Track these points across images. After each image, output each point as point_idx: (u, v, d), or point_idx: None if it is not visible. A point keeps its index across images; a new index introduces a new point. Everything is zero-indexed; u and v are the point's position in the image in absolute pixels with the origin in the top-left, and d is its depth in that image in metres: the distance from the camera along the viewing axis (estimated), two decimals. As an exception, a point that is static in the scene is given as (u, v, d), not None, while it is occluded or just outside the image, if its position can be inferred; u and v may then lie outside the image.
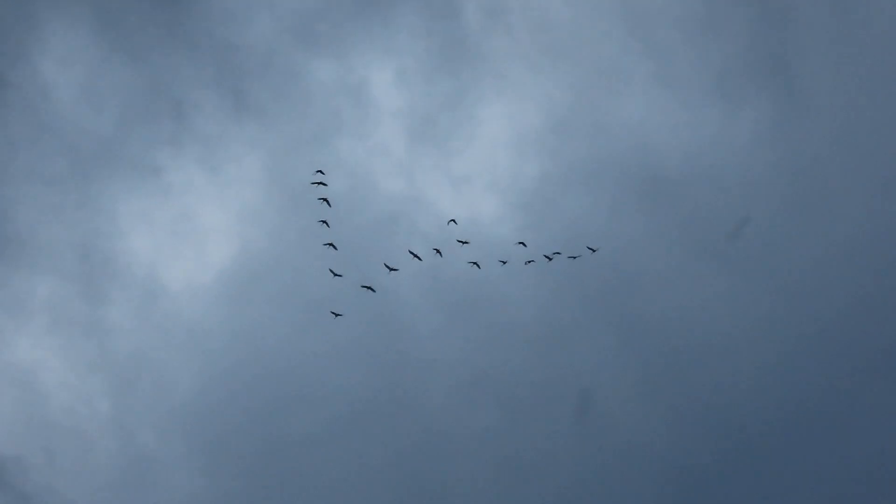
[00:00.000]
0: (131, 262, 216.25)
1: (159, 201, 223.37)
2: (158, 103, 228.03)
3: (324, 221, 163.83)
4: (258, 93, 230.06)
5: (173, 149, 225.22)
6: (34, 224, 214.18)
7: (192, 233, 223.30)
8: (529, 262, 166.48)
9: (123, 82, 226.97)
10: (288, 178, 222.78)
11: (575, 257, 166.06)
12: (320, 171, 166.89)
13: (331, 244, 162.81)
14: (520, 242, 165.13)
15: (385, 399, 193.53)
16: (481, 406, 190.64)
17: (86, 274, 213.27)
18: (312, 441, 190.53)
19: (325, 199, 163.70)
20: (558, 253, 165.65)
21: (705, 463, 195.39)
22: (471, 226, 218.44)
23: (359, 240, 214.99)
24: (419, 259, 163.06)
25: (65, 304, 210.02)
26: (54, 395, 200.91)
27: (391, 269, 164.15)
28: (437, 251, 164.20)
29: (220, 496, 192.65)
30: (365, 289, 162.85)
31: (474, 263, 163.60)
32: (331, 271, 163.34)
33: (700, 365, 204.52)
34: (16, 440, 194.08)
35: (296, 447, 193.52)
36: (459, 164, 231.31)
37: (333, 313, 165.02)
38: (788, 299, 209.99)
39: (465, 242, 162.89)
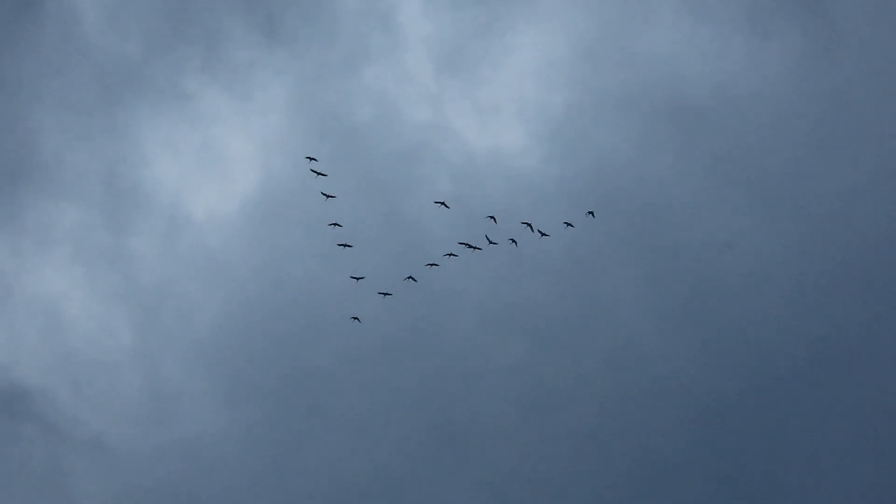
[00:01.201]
0: (156, 190, 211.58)
1: (186, 129, 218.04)
2: (187, 30, 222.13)
3: (335, 224, 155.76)
4: (288, 19, 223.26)
5: (201, 76, 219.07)
6: (60, 151, 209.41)
7: (218, 161, 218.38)
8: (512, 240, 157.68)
9: (152, 8, 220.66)
10: (315, 106, 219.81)
11: (546, 234, 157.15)
12: (313, 159, 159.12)
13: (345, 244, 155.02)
14: (490, 216, 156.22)
15: (410, 331, 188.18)
16: (507, 339, 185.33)
17: (110, 202, 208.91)
18: (336, 372, 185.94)
19: (327, 195, 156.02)
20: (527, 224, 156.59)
21: (732, 396, 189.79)
22: (496, 156, 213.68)
23: (384, 170, 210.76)
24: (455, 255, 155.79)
25: (89, 233, 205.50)
26: (78, 325, 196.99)
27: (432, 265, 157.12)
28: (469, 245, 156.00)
29: (243, 428, 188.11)
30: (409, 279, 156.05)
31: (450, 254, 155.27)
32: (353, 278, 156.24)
33: (728, 298, 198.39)
34: (41, 371, 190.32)
35: (320, 378, 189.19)
36: (487, 93, 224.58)
37: (354, 318, 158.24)
38: (817, 231, 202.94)
39: (494, 243, 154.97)
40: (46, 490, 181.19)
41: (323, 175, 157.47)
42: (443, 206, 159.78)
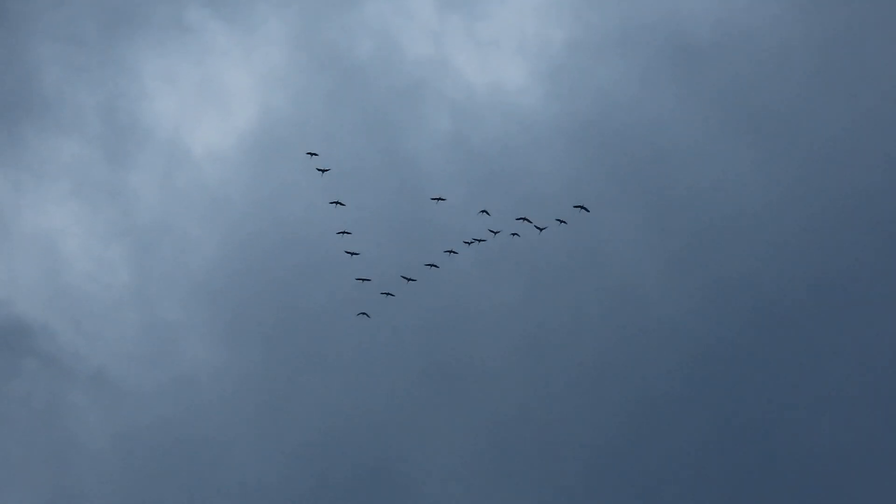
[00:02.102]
0: (155, 125, 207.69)
1: (186, 63, 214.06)
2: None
3: (344, 232, 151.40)
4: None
5: (202, 9, 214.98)
6: (60, 85, 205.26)
7: (218, 96, 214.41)
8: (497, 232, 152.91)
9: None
10: (315, 41, 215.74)
11: (542, 228, 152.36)
12: (314, 154, 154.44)
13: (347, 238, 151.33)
14: (483, 211, 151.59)
15: (408, 270, 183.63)
16: (506, 279, 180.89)
17: (110, 136, 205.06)
18: (334, 311, 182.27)
19: (338, 202, 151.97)
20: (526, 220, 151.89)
21: (731, 336, 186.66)
22: (496, 93, 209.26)
23: (384, 107, 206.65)
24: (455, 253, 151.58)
25: (88, 168, 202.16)
26: (77, 261, 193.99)
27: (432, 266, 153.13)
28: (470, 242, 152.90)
29: (241, 366, 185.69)
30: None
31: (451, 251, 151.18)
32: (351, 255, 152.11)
33: (728, 239, 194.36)
34: (42, 307, 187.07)
35: (318, 318, 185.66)
36: (487, 28, 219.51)
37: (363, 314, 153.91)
38: (818, 171, 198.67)
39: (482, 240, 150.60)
40: (47, 424, 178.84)
41: (326, 170, 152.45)
42: (440, 200, 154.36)
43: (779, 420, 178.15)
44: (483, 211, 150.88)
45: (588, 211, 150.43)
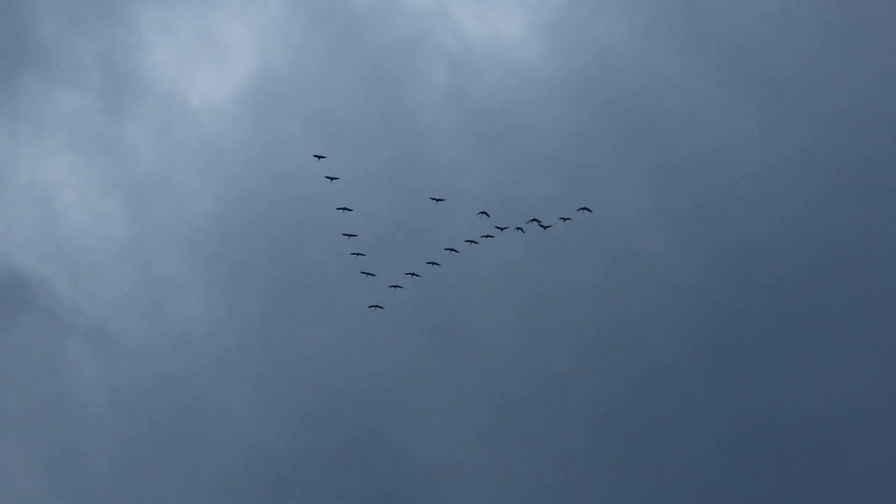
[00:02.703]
0: (153, 76, 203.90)
1: (183, 14, 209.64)
2: None
3: (350, 235, 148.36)
4: None
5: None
6: (58, 36, 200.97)
7: (215, 48, 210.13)
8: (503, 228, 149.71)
9: None
10: None
11: (548, 226, 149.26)
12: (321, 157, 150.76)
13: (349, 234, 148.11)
14: (482, 212, 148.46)
15: (408, 226, 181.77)
16: (508, 243, 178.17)
17: (107, 88, 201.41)
18: (332, 267, 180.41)
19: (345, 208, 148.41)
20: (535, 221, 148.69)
21: (736, 300, 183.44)
22: (495, 47, 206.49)
23: (383, 60, 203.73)
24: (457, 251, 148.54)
25: (85, 120, 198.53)
26: (74, 214, 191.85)
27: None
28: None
29: (238, 321, 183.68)
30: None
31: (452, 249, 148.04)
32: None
33: (734, 203, 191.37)
34: (39, 259, 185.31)
35: (316, 273, 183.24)
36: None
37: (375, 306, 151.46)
38: (825, 134, 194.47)
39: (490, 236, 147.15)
40: (45, 378, 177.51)
41: (335, 178, 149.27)
42: (439, 200, 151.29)
43: (782, 383, 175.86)
44: (482, 212, 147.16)
45: (591, 211, 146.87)
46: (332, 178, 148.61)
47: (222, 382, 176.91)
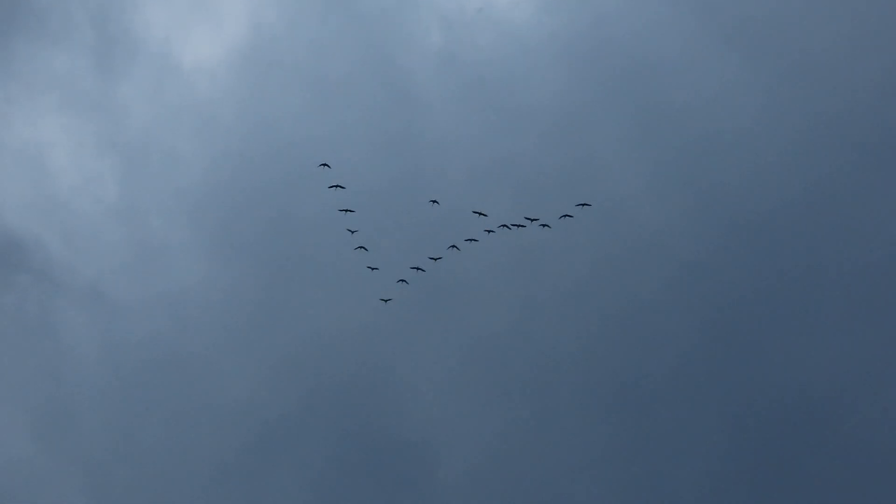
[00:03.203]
0: (146, 37, 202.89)
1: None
2: None
3: (361, 248, 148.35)
4: None
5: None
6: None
7: (208, 8, 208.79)
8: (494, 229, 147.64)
9: None
10: None
11: (546, 225, 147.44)
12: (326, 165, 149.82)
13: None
14: (477, 212, 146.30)
15: (398, 179, 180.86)
16: (494, 193, 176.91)
17: (100, 48, 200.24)
18: (323, 223, 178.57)
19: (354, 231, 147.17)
20: (534, 220, 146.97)
21: (718, 247, 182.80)
22: (488, 7, 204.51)
23: (376, 21, 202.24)
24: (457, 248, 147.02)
25: (78, 80, 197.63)
26: (65, 175, 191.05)
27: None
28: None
29: (228, 280, 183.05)
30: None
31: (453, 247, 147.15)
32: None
33: (715, 152, 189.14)
34: (31, 220, 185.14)
35: (305, 233, 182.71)
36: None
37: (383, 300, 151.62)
38: (807, 82, 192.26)
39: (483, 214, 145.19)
40: (39, 338, 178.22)
41: (341, 187, 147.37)
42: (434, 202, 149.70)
43: (768, 327, 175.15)
44: (477, 212, 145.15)
45: (589, 205, 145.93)
46: (337, 187, 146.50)
47: (212, 341, 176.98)
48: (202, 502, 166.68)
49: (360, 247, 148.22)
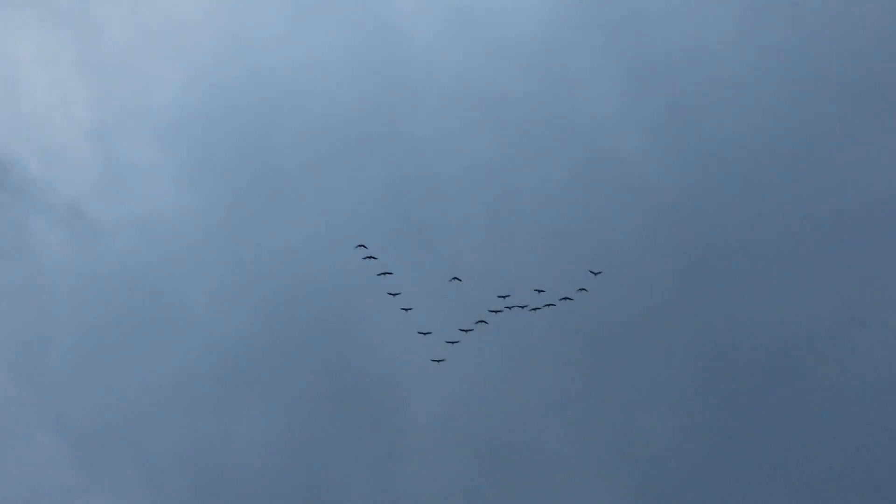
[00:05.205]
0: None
1: None
2: None
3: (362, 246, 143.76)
4: None
5: None
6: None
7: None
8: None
9: None
10: None
11: (553, 304, 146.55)
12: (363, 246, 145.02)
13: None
14: (454, 278, 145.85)
15: (377, 104, 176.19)
16: (481, 139, 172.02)
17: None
18: (299, 147, 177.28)
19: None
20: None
21: (709, 200, 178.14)
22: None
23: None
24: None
25: None
26: (40, 93, 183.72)
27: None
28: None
29: (203, 206, 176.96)
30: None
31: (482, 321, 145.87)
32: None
33: (708, 101, 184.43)
34: (8, 140, 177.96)
35: (282, 153, 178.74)
36: None
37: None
38: (800, 33, 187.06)
39: None
40: (15, 257, 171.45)
41: (374, 258, 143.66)
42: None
43: (739, 275, 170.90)
44: (455, 278, 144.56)
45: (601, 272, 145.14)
46: (369, 258, 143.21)
47: (187, 267, 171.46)
48: (169, 417, 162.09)
49: (361, 245, 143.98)
